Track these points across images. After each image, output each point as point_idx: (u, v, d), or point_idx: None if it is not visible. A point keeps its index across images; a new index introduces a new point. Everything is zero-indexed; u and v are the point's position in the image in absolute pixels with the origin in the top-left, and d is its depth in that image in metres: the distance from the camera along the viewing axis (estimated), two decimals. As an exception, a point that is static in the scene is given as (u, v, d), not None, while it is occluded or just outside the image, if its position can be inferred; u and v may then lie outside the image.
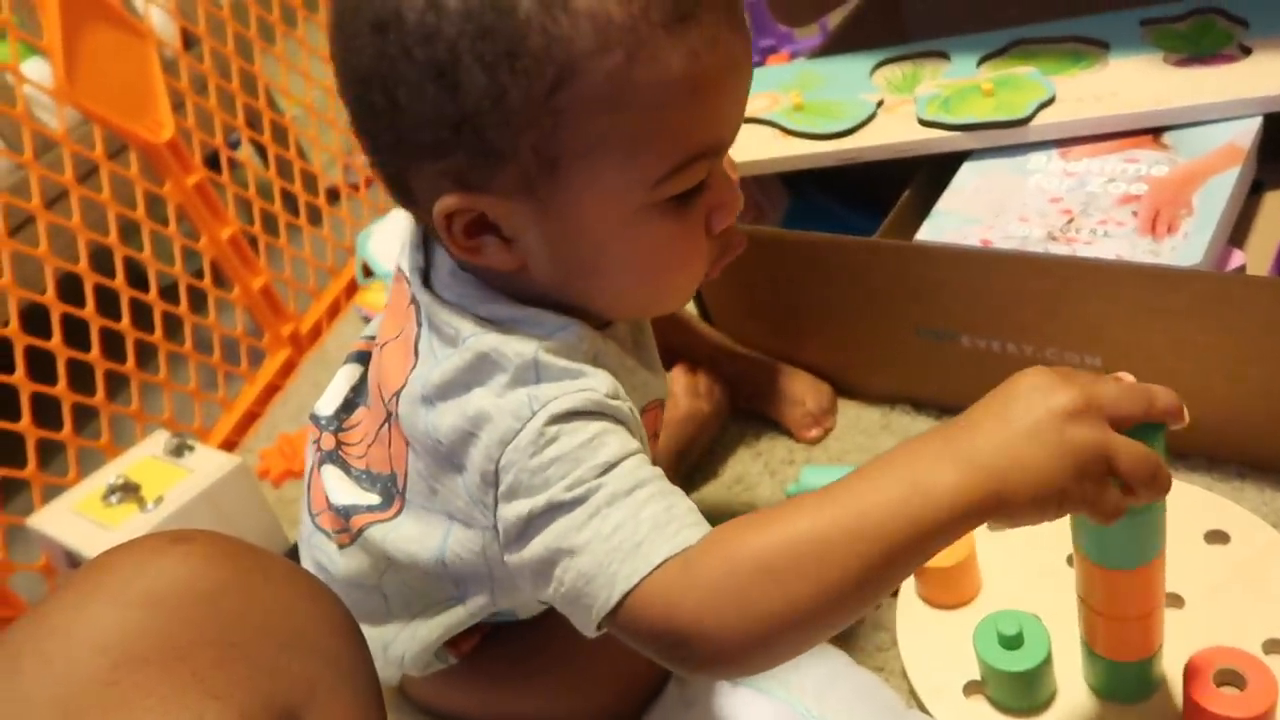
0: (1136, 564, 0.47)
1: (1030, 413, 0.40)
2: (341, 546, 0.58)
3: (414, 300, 0.52)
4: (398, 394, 0.51)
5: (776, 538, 0.41)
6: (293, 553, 0.68)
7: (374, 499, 0.55)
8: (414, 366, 0.51)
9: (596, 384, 0.47)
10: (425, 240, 0.53)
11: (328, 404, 0.61)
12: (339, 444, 0.59)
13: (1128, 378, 0.44)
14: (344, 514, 0.56)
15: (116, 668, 0.44)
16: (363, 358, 0.61)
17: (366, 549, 0.56)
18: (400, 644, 0.58)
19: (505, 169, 0.44)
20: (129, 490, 0.79)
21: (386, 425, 0.54)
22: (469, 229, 0.47)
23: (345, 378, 0.61)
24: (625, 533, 0.43)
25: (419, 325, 0.51)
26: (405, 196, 0.49)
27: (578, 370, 0.47)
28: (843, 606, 0.41)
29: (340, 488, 0.57)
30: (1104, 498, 0.41)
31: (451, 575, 0.54)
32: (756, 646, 0.41)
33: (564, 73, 0.42)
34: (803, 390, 0.79)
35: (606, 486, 0.44)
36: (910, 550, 0.40)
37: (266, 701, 0.45)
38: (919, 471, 0.40)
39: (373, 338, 0.59)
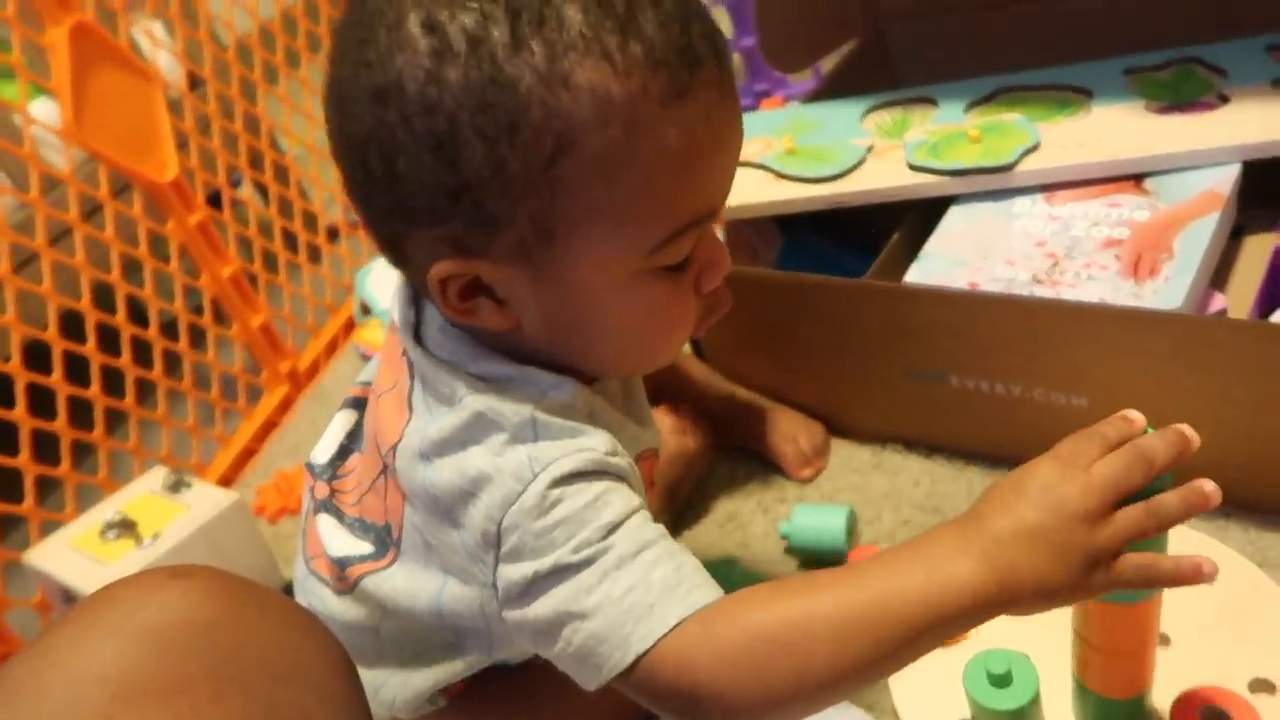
0: (1137, 598, 0.48)
1: (1039, 515, 0.42)
2: (339, 593, 0.58)
3: (406, 354, 0.52)
4: (394, 447, 0.52)
5: (797, 613, 0.43)
6: (288, 589, 0.69)
7: (367, 548, 0.56)
8: (409, 421, 0.51)
9: (595, 443, 0.48)
10: (416, 295, 0.54)
11: (323, 452, 0.61)
12: (333, 492, 0.59)
13: (1136, 418, 0.47)
14: (340, 564, 0.56)
15: (114, 700, 0.44)
16: (359, 404, 0.61)
17: (362, 598, 0.56)
18: (392, 688, 0.59)
19: (502, 236, 0.45)
20: (126, 526, 0.80)
21: (383, 477, 0.54)
22: (463, 292, 0.47)
23: (341, 424, 0.62)
24: (637, 594, 0.44)
25: (412, 379, 0.52)
26: (399, 258, 0.49)
27: (576, 429, 0.48)
28: (854, 682, 0.43)
29: (335, 539, 0.57)
30: (1107, 586, 0.43)
31: (450, 629, 0.54)
32: (768, 711, 0.43)
33: (562, 145, 0.42)
34: (795, 429, 0.80)
35: (614, 549, 0.45)
36: (925, 637, 0.42)
37: None
38: (937, 561, 0.42)
39: (369, 383, 0.60)
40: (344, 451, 0.60)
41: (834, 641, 0.42)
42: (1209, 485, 0.46)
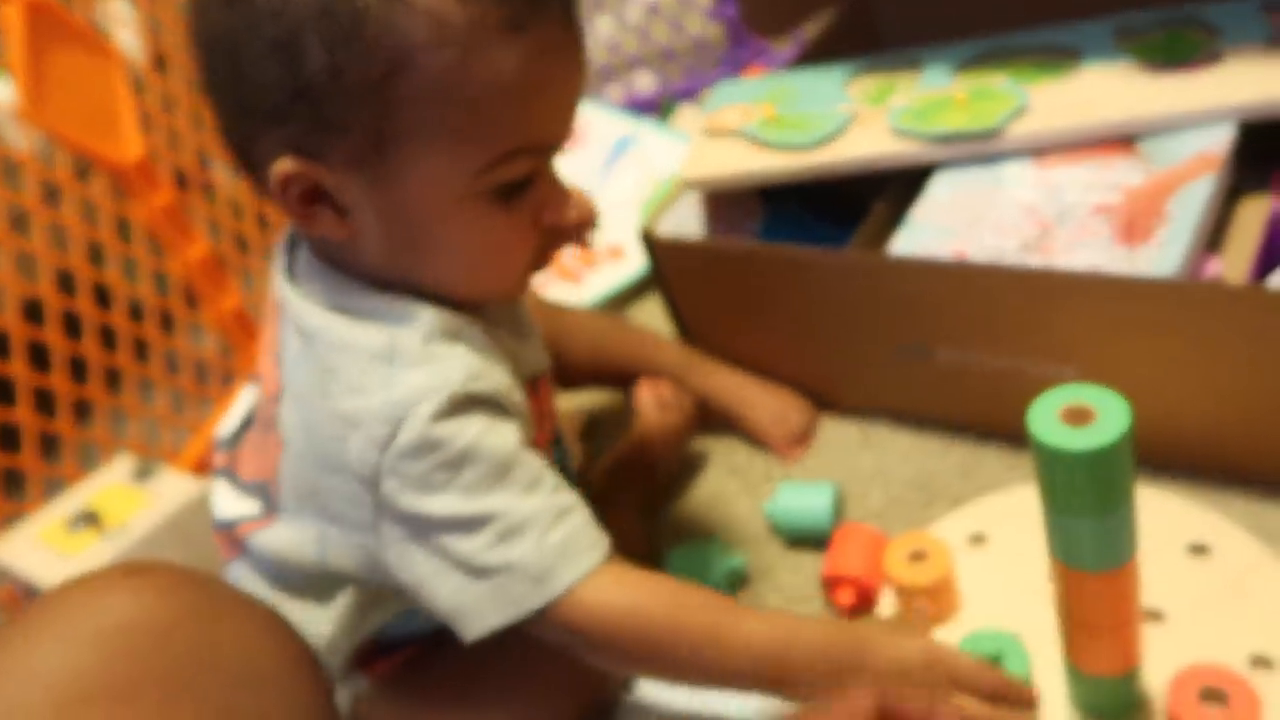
0: (1106, 567, 0.46)
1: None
2: (235, 561, 0.58)
3: (279, 301, 0.53)
4: (272, 397, 0.53)
5: (688, 634, 0.50)
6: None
7: (254, 508, 0.56)
8: (281, 366, 0.53)
9: (453, 369, 0.49)
10: (293, 242, 0.55)
11: (229, 425, 0.62)
12: (232, 460, 0.60)
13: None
14: (227, 527, 0.57)
15: (60, 709, 0.43)
16: None
17: (252, 560, 0.56)
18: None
19: (340, 142, 0.46)
20: (91, 518, 0.77)
21: (267, 431, 0.55)
22: (304, 197, 0.48)
23: (247, 398, 0.62)
24: (531, 559, 0.48)
25: (282, 325, 0.53)
26: (248, 164, 0.50)
27: (433, 355, 0.49)
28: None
29: (226, 501, 0.58)
30: None
31: (334, 576, 0.54)
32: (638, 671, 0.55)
33: (398, 61, 0.44)
34: (782, 408, 0.78)
35: (501, 508, 0.48)
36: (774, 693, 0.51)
37: None
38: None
39: None
40: (249, 423, 0.61)
41: (708, 667, 0.50)
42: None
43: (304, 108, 0.46)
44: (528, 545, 0.48)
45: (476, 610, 0.49)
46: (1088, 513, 0.44)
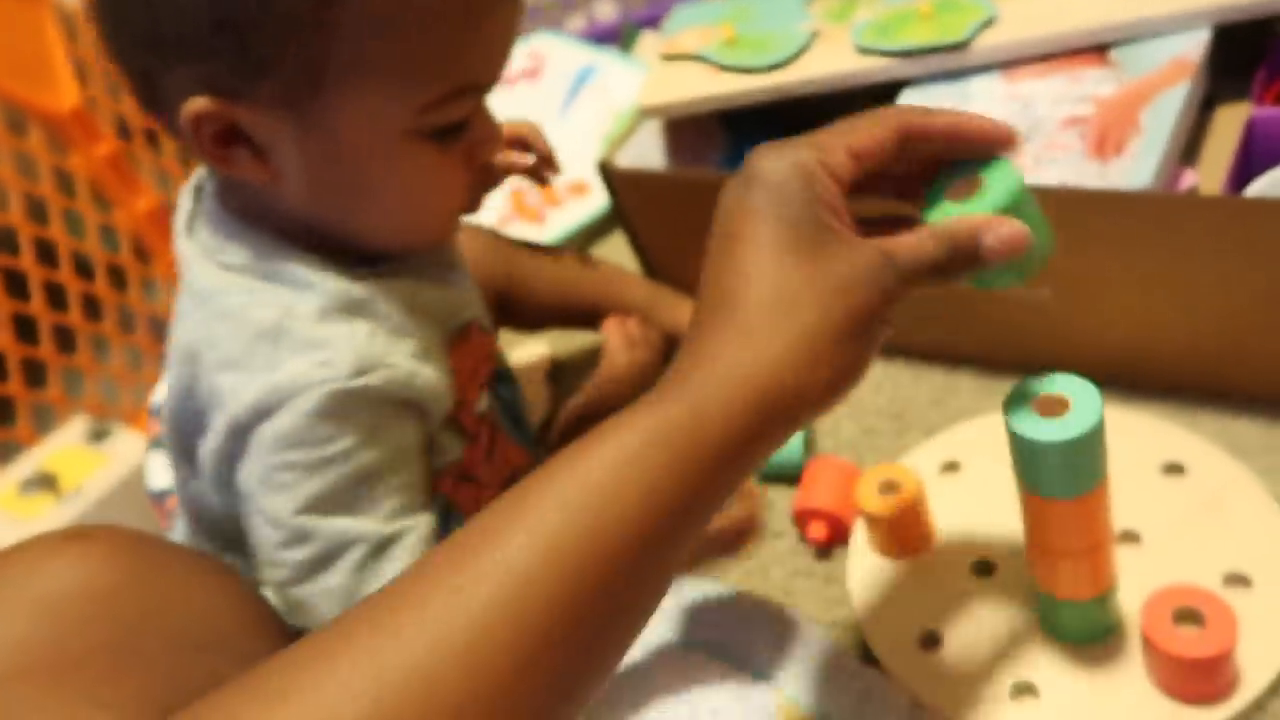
0: (1074, 493, 0.45)
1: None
2: (169, 533, 0.57)
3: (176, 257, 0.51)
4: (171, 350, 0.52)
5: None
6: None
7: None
8: (176, 324, 0.51)
9: (341, 358, 0.46)
10: (200, 189, 0.52)
11: (163, 391, 0.59)
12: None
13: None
14: (159, 498, 0.55)
15: (1, 681, 0.41)
16: None
17: (184, 531, 0.56)
18: None
19: (267, 80, 0.43)
20: (46, 481, 0.76)
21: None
22: (219, 137, 0.45)
23: None
24: (339, 587, 0.47)
25: (181, 279, 0.51)
26: (151, 99, 0.47)
27: (322, 337, 0.46)
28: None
29: (159, 472, 0.57)
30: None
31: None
32: None
33: None
34: None
35: (329, 532, 0.47)
36: None
37: (164, 709, 0.42)
38: None
39: None
40: None
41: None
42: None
43: (227, 41, 0.42)
44: (342, 573, 0.47)
45: (291, 612, 0.49)
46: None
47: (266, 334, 0.46)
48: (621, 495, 0.32)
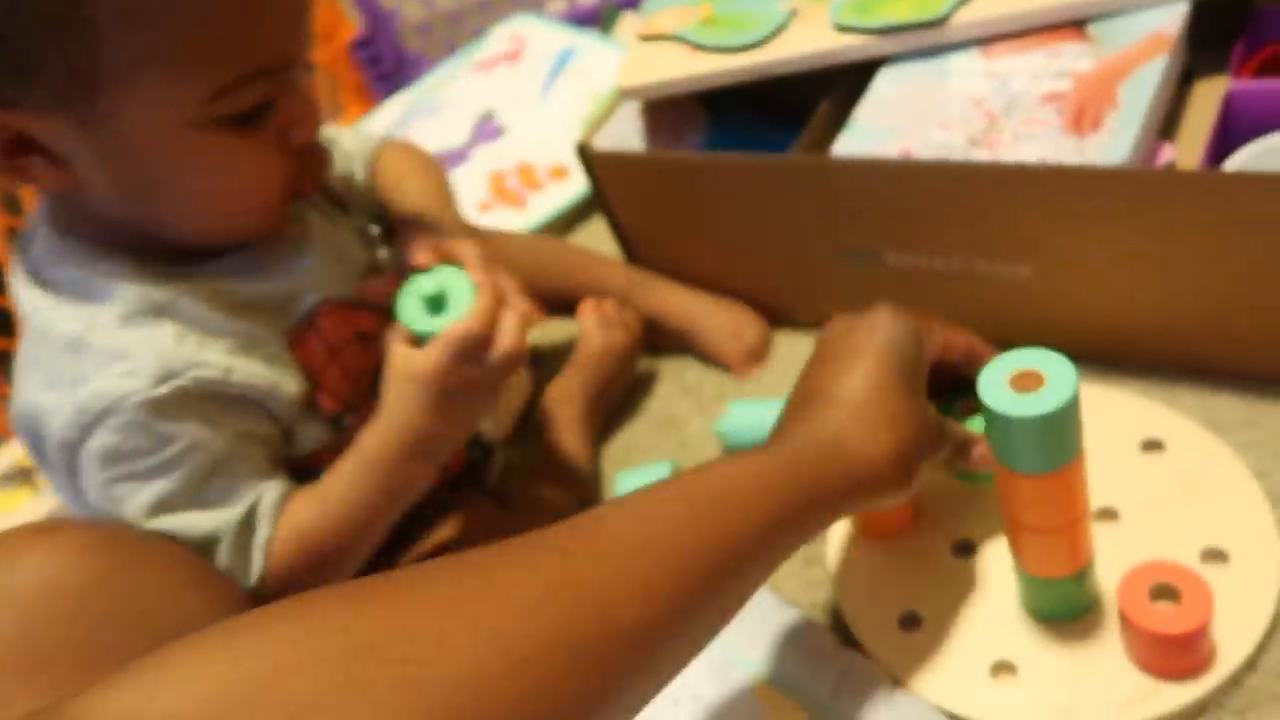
0: (1050, 469, 0.44)
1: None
2: None
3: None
4: None
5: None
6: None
7: None
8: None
9: (144, 368, 0.47)
10: (28, 232, 0.52)
11: None
12: None
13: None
14: None
15: None
16: None
17: None
18: None
19: (37, 82, 0.42)
20: (24, 474, 0.75)
21: None
22: (9, 148, 0.45)
23: None
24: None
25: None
26: None
27: (123, 348, 0.47)
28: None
29: None
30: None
31: None
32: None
33: None
34: (736, 323, 0.76)
35: (181, 529, 0.49)
36: None
37: None
38: None
39: None
40: None
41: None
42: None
43: None
44: (222, 563, 0.50)
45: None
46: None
47: (70, 347, 0.47)
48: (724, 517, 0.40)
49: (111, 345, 0.47)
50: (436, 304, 0.52)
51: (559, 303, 0.77)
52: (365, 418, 0.54)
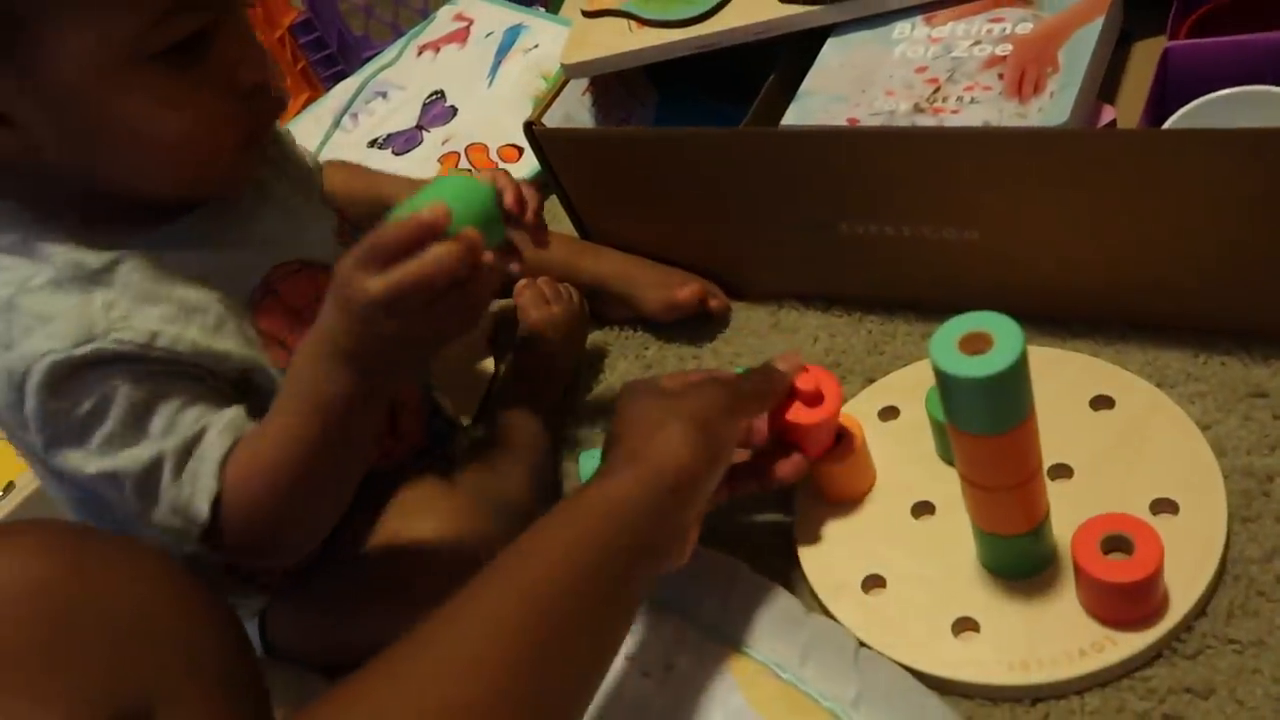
0: (1001, 429, 0.45)
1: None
2: None
3: None
4: None
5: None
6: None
7: None
8: None
9: (66, 330, 0.47)
10: None
11: None
12: None
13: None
14: None
15: None
16: None
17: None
18: None
19: None
20: (-24, 479, 0.74)
21: None
22: None
23: None
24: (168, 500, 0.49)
25: None
26: None
27: (49, 310, 0.47)
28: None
29: None
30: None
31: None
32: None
33: None
34: (667, 277, 0.76)
35: (127, 465, 0.48)
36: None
37: (105, 700, 0.41)
38: None
39: None
40: None
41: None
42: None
43: None
44: (165, 495, 0.49)
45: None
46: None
47: (2, 310, 0.47)
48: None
49: (40, 309, 0.47)
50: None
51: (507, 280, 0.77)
52: None
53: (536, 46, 1.04)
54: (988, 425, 0.45)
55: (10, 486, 0.73)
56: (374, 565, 0.59)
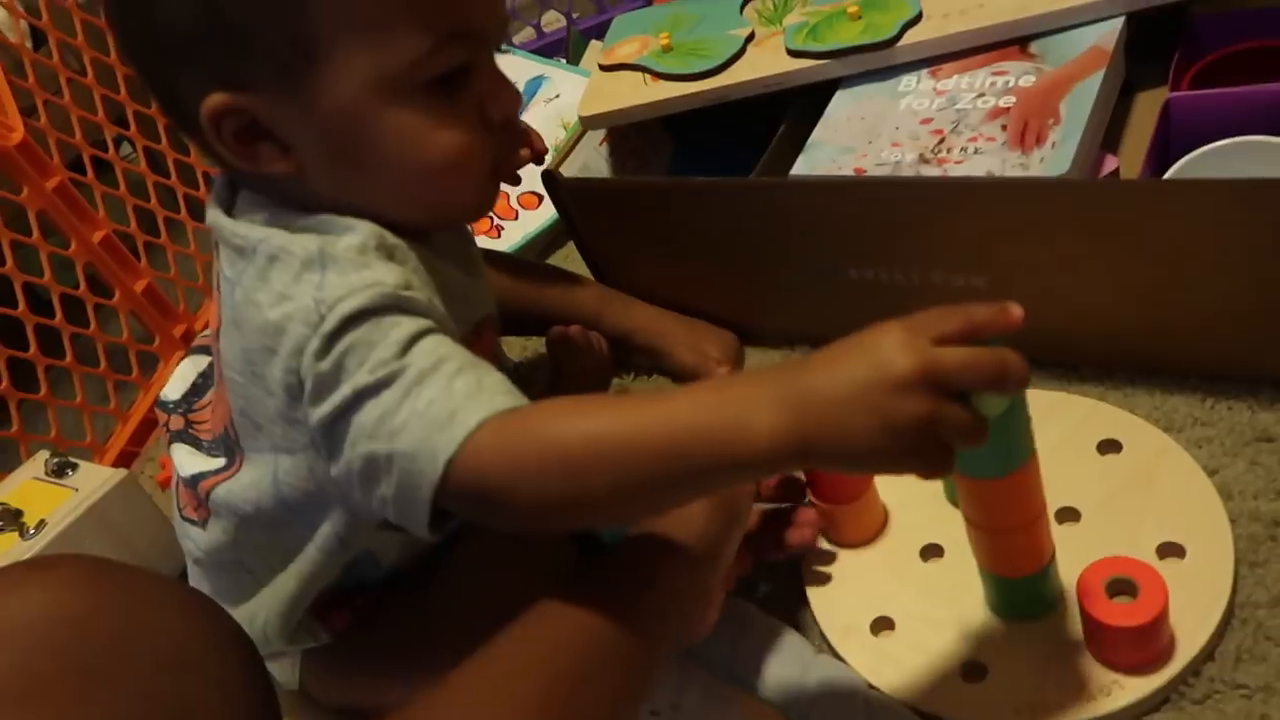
0: (1003, 472, 0.46)
1: (858, 377, 0.39)
2: (201, 522, 0.57)
3: (214, 238, 0.52)
4: (216, 333, 0.52)
5: (583, 432, 0.42)
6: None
7: (220, 462, 0.55)
8: (219, 299, 0.52)
9: (384, 276, 0.46)
10: (232, 184, 0.53)
11: (174, 389, 0.61)
12: (189, 423, 0.59)
13: (1015, 310, 0.43)
14: (192, 484, 0.56)
15: None
16: (209, 350, 0.60)
17: (218, 514, 0.55)
18: (263, 608, 0.57)
19: (261, 60, 0.45)
20: (10, 517, 0.75)
21: (220, 382, 0.53)
22: (241, 135, 0.47)
23: (192, 365, 0.62)
24: (439, 405, 0.43)
25: (218, 258, 0.51)
26: (176, 111, 0.49)
27: (366, 263, 0.47)
28: (635, 507, 0.45)
29: (188, 460, 0.57)
30: (928, 460, 0.40)
31: (294, 511, 0.53)
32: (550, 519, 0.45)
33: None
34: (704, 338, 0.77)
35: (412, 365, 0.44)
36: (711, 478, 0.42)
37: None
38: (742, 405, 0.40)
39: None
40: (198, 389, 0.60)
41: (615, 467, 0.41)
42: (1015, 309, 0.43)
43: (213, 28, 0.44)
44: (435, 389, 0.43)
45: (410, 493, 0.44)
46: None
47: (313, 261, 0.47)
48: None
49: (354, 260, 0.47)
50: None
51: (533, 323, 0.78)
52: None
53: (558, 96, 1.07)
54: (989, 468, 0.46)
55: (42, 524, 0.75)
56: (434, 611, 0.58)
